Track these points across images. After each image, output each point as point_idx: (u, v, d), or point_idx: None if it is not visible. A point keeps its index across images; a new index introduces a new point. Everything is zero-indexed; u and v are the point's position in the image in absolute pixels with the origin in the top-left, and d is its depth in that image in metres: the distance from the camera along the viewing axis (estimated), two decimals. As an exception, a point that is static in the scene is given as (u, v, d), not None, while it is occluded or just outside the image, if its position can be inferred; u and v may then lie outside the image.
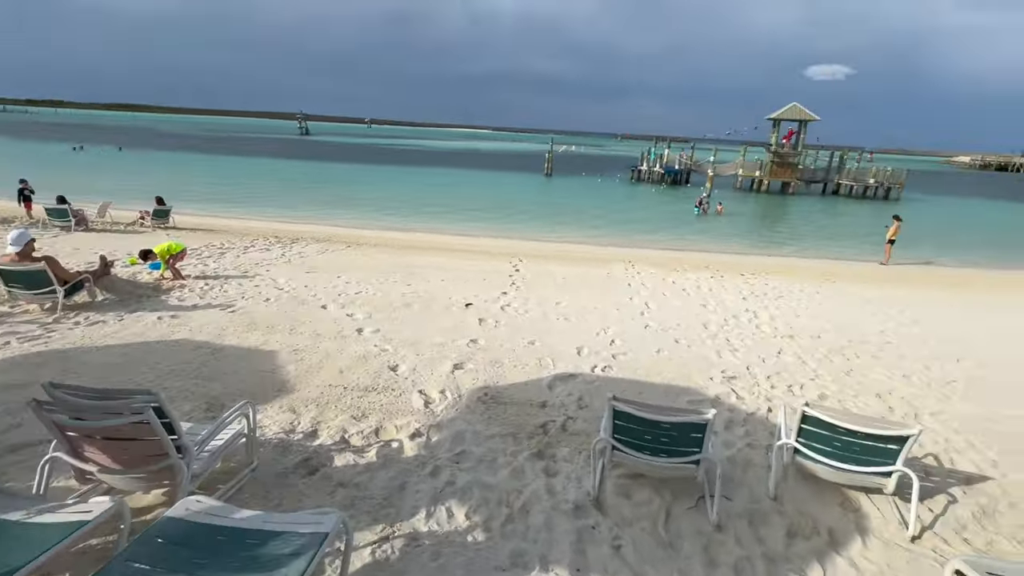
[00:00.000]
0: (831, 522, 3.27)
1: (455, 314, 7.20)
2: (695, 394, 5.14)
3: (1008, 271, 15.13)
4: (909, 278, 12.66)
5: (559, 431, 4.25)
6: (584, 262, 11.82)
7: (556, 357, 5.85)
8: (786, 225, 24.07)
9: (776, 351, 6.56)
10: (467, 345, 6.04)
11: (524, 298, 8.30)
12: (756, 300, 9.12)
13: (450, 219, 19.42)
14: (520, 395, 4.87)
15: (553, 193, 31.57)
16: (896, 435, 3.12)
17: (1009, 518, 3.44)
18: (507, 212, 22.06)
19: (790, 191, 36.36)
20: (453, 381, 5.04)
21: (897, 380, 5.82)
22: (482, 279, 9.43)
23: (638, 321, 7.47)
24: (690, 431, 3.13)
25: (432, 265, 10.36)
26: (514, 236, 16.60)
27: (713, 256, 14.58)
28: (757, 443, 4.19)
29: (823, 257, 16.03)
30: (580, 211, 23.67)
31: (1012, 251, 19.26)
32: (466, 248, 12.88)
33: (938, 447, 4.32)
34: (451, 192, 28.11)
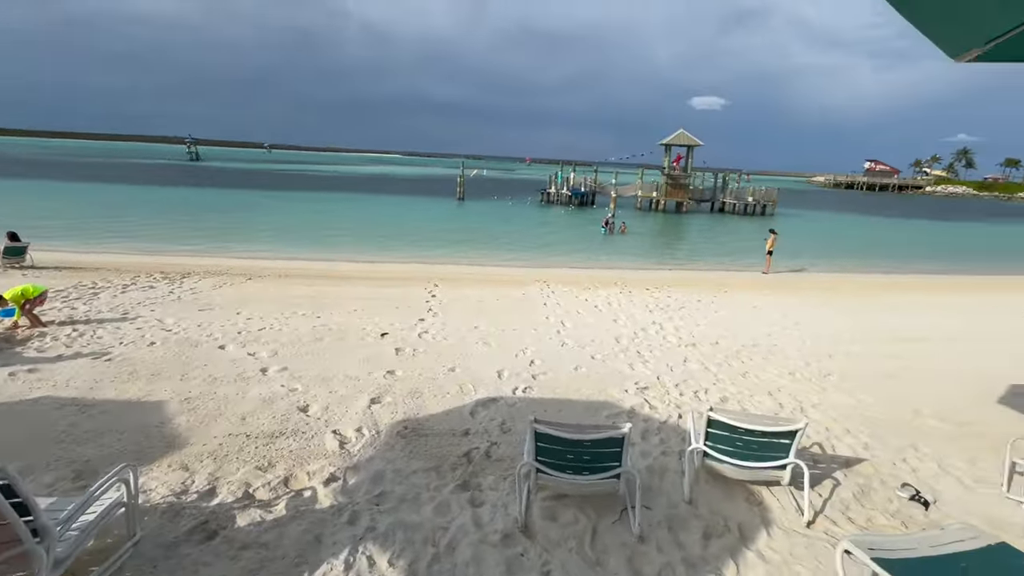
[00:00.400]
0: (740, 518, 3.51)
1: (370, 345, 6.92)
2: (612, 407, 5.33)
3: (865, 275, 17.55)
4: (788, 285, 14.24)
5: (483, 458, 4.19)
6: (500, 284, 11.95)
7: (477, 382, 5.81)
8: (683, 241, 26.15)
9: (682, 359, 7.02)
10: (384, 377, 5.81)
11: (442, 324, 8.18)
12: (661, 312, 9.74)
13: (361, 246, 18.78)
14: (442, 425, 4.75)
15: (466, 217, 31.77)
16: (786, 430, 3.44)
17: (881, 494, 3.91)
18: (421, 237, 21.80)
19: (683, 210, 39.70)
20: (370, 417, 4.81)
21: (784, 378, 6.47)
22: (397, 307, 9.18)
23: (555, 340, 7.65)
24: (609, 446, 3.22)
25: (344, 295, 9.91)
26: (429, 261, 16.41)
27: (621, 272, 15.41)
28: (671, 450, 4.41)
29: (715, 269, 17.57)
30: (494, 234, 24.01)
31: (867, 257, 22.45)
32: (380, 275, 12.49)
33: (821, 436, 4.83)
34: (361, 218, 27.28)
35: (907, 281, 16.19)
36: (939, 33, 2.28)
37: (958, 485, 4.10)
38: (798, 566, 3.06)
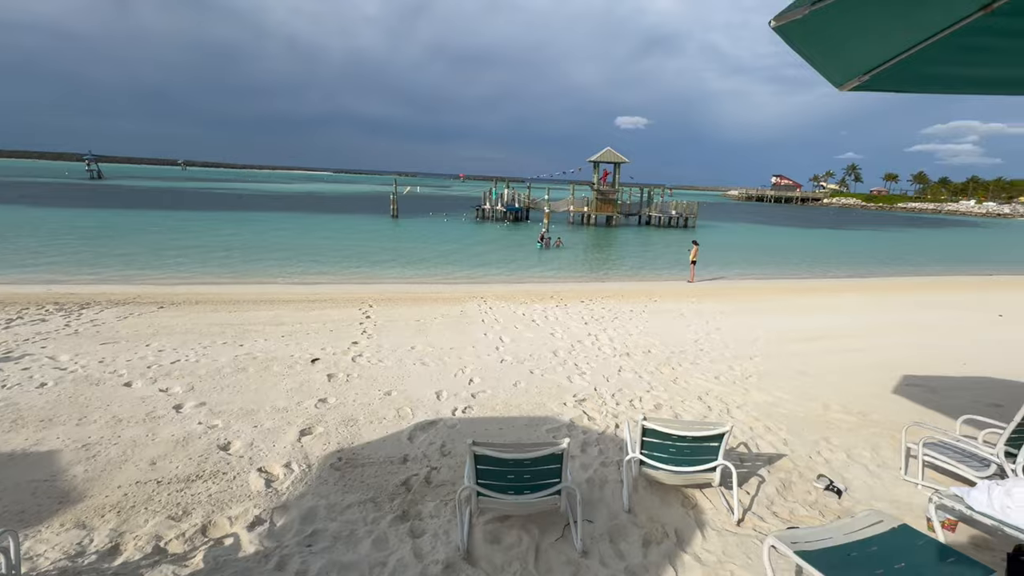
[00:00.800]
0: (677, 522, 3.62)
1: (299, 373, 6.55)
2: (552, 422, 5.37)
3: (777, 280, 19.03)
4: (710, 292, 15.13)
5: (423, 485, 4.05)
6: (437, 302, 11.78)
7: (415, 405, 5.65)
8: (614, 253, 27.15)
9: (617, 369, 7.22)
10: (315, 406, 5.51)
11: (377, 346, 7.92)
12: (596, 324, 10.00)
13: (289, 267, 17.89)
14: (379, 453, 4.56)
15: (401, 234, 31.24)
16: (714, 434, 3.61)
17: (800, 487, 4.19)
18: (353, 256, 21.12)
19: (613, 223, 41.34)
20: (300, 450, 4.52)
21: (711, 381, 6.82)
22: (329, 330, 8.78)
23: (494, 356, 7.62)
24: (549, 463, 3.22)
25: (270, 320, 9.35)
26: (363, 281, 15.91)
27: (557, 286, 15.72)
28: (610, 460, 4.50)
29: (645, 279, 18.37)
30: (430, 251, 23.75)
31: (778, 264, 24.40)
32: (310, 297, 11.91)
33: (746, 435, 5.13)
34: (289, 238, 26.03)
35: (814, 285, 17.73)
36: (824, 66, 2.54)
37: (865, 472, 4.48)
38: (731, 564, 3.20)
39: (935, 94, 3.11)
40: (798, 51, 2.28)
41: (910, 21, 2.29)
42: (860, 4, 1.99)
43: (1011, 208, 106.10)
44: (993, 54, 2.61)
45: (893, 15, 2.21)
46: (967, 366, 7.79)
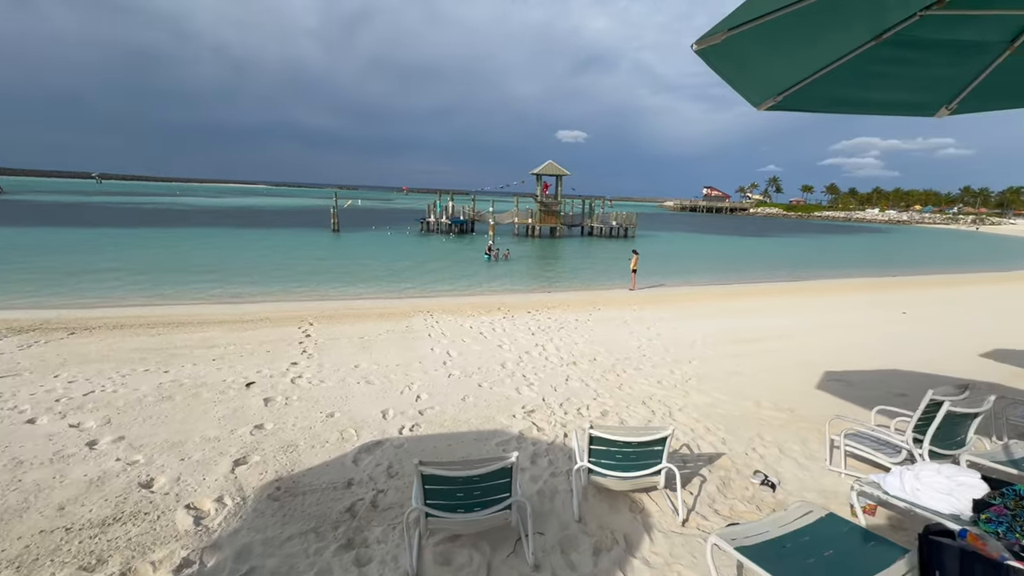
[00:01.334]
0: (625, 528, 3.69)
1: (233, 399, 6.15)
2: (502, 435, 5.34)
3: (712, 286, 20.05)
4: (651, 299, 15.71)
5: (369, 509, 3.90)
6: (382, 318, 11.49)
7: (360, 426, 5.45)
8: (558, 263, 27.64)
9: (564, 378, 7.31)
10: (251, 433, 5.19)
11: (318, 366, 7.60)
12: (543, 334, 10.11)
13: (222, 285, 16.87)
14: (321, 479, 4.34)
15: (343, 249, 30.32)
16: (657, 437, 3.72)
17: (739, 483, 4.40)
18: (292, 272, 20.24)
19: (557, 234, 42.19)
20: (234, 482, 4.23)
21: (654, 386, 7.05)
22: (266, 351, 8.34)
23: (442, 371, 7.51)
24: (499, 478, 3.19)
25: (200, 343, 8.75)
26: (303, 298, 15.27)
27: (503, 297, 15.77)
28: (559, 470, 4.52)
29: (589, 288, 18.81)
30: (373, 265, 23.18)
31: (712, 270, 25.75)
32: (244, 317, 11.26)
33: (687, 437, 5.32)
34: (221, 254, 24.58)
35: (745, 289, 18.83)
36: (742, 86, 2.72)
37: (795, 465, 4.76)
38: (678, 565, 3.29)
39: (840, 114, 3.42)
40: (718, 72, 2.43)
41: (814, 48, 2.51)
42: (771, 31, 2.16)
43: (908, 215, 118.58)
44: (885, 79, 2.90)
45: (800, 42, 2.41)
46: (878, 360, 8.51)
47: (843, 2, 2.07)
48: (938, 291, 18.84)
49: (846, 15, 2.26)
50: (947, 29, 2.54)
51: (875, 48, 2.61)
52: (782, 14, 2.02)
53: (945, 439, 4.10)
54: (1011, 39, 2.65)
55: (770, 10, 1.98)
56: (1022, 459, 3.84)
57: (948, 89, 3.04)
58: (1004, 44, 2.68)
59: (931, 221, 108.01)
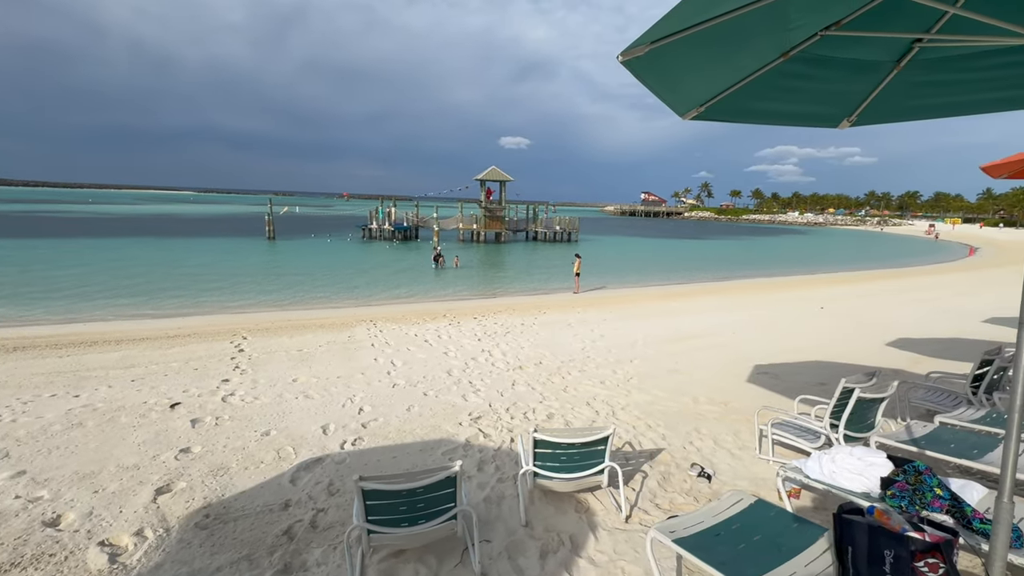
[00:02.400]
0: (571, 529, 3.73)
1: (155, 422, 5.71)
2: (448, 443, 5.27)
3: (652, 287, 20.84)
4: (594, 301, 16.11)
5: (308, 531, 3.73)
6: (322, 328, 11.07)
7: (298, 443, 5.21)
8: (504, 268, 27.79)
9: (511, 383, 7.33)
10: (176, 459, 4.82)
11: (253, 382, 7.20)
12: (489, 339, 10.10)
13: (143, 300, 15.64)
14: (255, 502, 4.11)
15: (279, 257, 28.97)
16: (599, 437, 3.80)
17: (678, 476, 4.57)
18: (223, 283, 19.09)
19: (502, 239, 42.44)
20: (155, 513, 3.91)
21: (598, 387, 7.21)
22: (194, 369, 7.80)
23: (385, 381, 7.33)
24: (443, 488, 3.14)
25: (116, 363, 8.06)
26: (234, 310, 14.43)
27: (449, 304, 15.64)
28: (506, 476, 4.52)
29: (534, 293, 19.02)
30: (312, 274, 22.30)
31: (652, 271, 26.77)
32: (168, 333, 10.48)
33: (629, 435, 5.48)
34: (141, 266, 22.79)
35: (683, 289, 19.71)
36: (666, 97, 2.86)
37: (729, 456, 5.02)
38: (621, 561, 3.37)
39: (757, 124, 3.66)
40: (644, 83, 2.54)
41: (729, 63, 2.68)
42: (689, 46, 2.28)
43: (823, 218, 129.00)
44: (793, 92, 3.14)
45: (716, 57, 2.56)
46: (800, 352, 9.15)
47: (753, 21, 2.22)
48: (850, 287, 20.56)
49: (756, 33, 2.43)
50: (844, 48, 2.79)
51: (783, 64, 2.81)
52: (698, 30, 2.14)
53: (857, 423, 4.47)
54: (897, 59, 2.94)
55: (686, 26, 2.10)
56: (921, 438, 4.24)
57: (848, 103, 3.33)
58: (892, 63, 2.98)
59: (843, 223, 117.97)
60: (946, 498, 2.93)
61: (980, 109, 3.21)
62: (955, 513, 2.86)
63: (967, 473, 4.00)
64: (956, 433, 4.36)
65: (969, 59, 2.84)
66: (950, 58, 2.89)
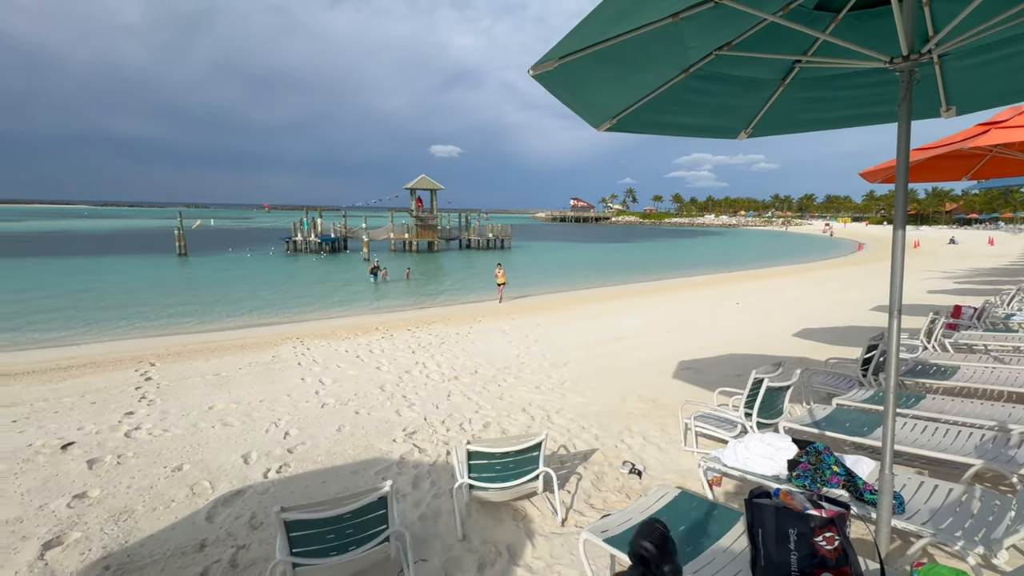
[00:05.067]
0: (508, 539, 3.73)
1: (43, 466, 5.06)
2: (382, 462, 5.11)
3: (584, 290, 21.43)
4: (529, 307, 16.31)
5: (228, 571, 3.46)
6: (242, 349, 10.37)
7: (215, 476, 4.82)
8: (438, 278, 27.47)
9: (446, 395, 7.24)
10: (68, 506, 4.31)
11: (162, 412, 6.60)
12: (424, 351, 9.93)
13: (25, 328, 13.89)
14: (164, 546, 3.75)
15: (192, 275, 26.86)
16: (532, 444, 3.83)
17: (611, 475, 4.71)
18: (126, 305, 17.36)
19: (435, 248, 42.03)
20: (43, 570, 3.47)
21: (533, 392, 7.29)
22: (90, 403, 7.02)
23: (313, 402, 6.98)
24: (372, 511, 3.03)
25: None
26: (141, 335, 13.18)
27: (381, 316, 15.21)
28: (442, 491, 4.44)
29: (468, 301, 18.96)
30: (231, 292, 20.87)
31: (583, 275, 27.54)
32: (59, 364, 9.36)
33: (564, 438, 5.58)
34: (25, 289, 20.24)
35: (612, 292, 20.45)
36: (579, 109, 2.96)
37: (657, 450, 5.24)
38: (558, 566, 3.40)
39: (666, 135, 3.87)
40: (556, 96, 2.62)
41: (634, 78, 2.82)
42: (596, 62, 2.38)
43: (736, 220, 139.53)
44: (695, 106, 3.36)
45: (621, 73, 2.69)
46: (719, 347, 9.78)
47: (652, 40, 2.36)
48: (762, 283, 22.30)
49: (656, 51, 2.58)
50: (737, 67, 3.03)
51: (684, 80, 3.01)
52: (603, 47, 2.24)
53: (767, 410, 4.83)
54: (782, 77, 3.24)
55: (591, 43, 2.19)
56: (821, 420, 4.66)
57: (744, 116, 3.61)
58: (778, 81, 3.27)
59: (753, 224, 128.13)
60: (842, 474, 3.23)
61: (852, 123, 3.61)
62: (850, 487, 3.16)
63: (860, 449, 4.44)
64: (850, 413, 4.83)
65: (840, 79, 3.19)
66: (825, 77, 3.22)
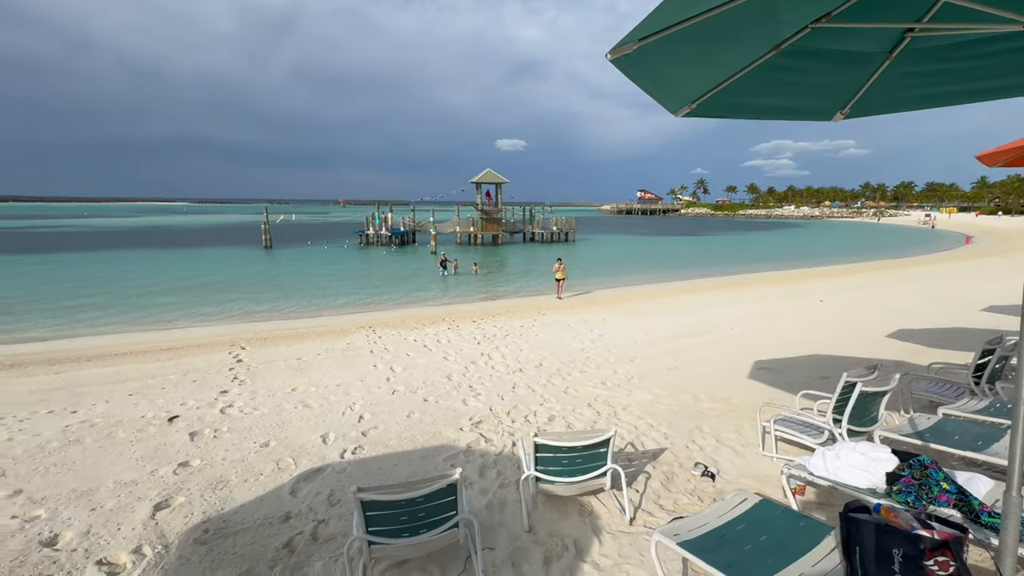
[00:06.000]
0: (575, 533, 3.69)
1: (153, 436, 5.66)
2: (449, 450, 5.23)
3: (650, 284, 20.81)
4: (593, 301, 16.07)
5: (309, 543, 3.68)
6: (320, 336, 11.02)
7: (298, 454, 5.16)
8: (502, 270, 27.72)
9: (511, 386, 7.29)
10: (174, 473, 4.77)
11: (251, 392, 7.15)
12: (488, 342, 10.06)
13: (139, 313, 15.59)
14: (255, 515, 4.06)
15: (277, 266, 28.91)
16: (600, 440, 3.76)
17: (681, 477, 4.53)
18: (221, 294, 19.03)
19: (499, 242, 42.42)
20: (154, 529, 3.87)
21: (599, 387, 7.17)
22: (192, 381, 7.75)
23: (385, 388, 7.28)
24: (443, 496, 3.10)
25: (111, 377, 8.00)
26: (232, 320, 14.39)
27: (447, 308, 15.60)
28: (508, 481, 4.48)
29: (532, 294, 18.98)
30: (310, 282, 22.25)
31: (649, 269, 26.74)
32: (164, 346, 10.43)
33: (631, 435, 5.44)
34: (135, 278, 22.72)
35: (680, 287, 19.69)
36: (657, 94, 2.83)
37: (732, 453, 4.98)
38: (626, 565, 3.32)
39: (750, 119, 3.63)
40: (634, 81, 2.51)
41: (719, 58, 2.64)
42: (677, 43, 2.25)
43: (819, 211, 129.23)
44: (785, 86, 3.11)
45: (705, 53, 2.53)
46: (801, 346, 9.12)
47: (740, 16, 2.19)
48: (849, 279, 20.56)
49: (744, 28, 2.40)
50: (835, 40, 2.76)
51: (775, 58, 2.78)
52: (686, 26, 2.11)
53: (860, 417, 4.43)
54: (889, 49, 2.91)
55: (673, 23, 2.07)
56: (925, 430, 4.21)
57: (841, 95, 3.30)
58: (883, 54, 2.95)
59: (839, 215, 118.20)
60: (953, 492, 2.90)
61: (973, 98, 3.19)
62: (962, 507, 2.82)
63: (972, 465, 3.97)
64: (960, 424, 4.33)
65: (961, 47, 2.82)
66: (942, 47, 2.86)
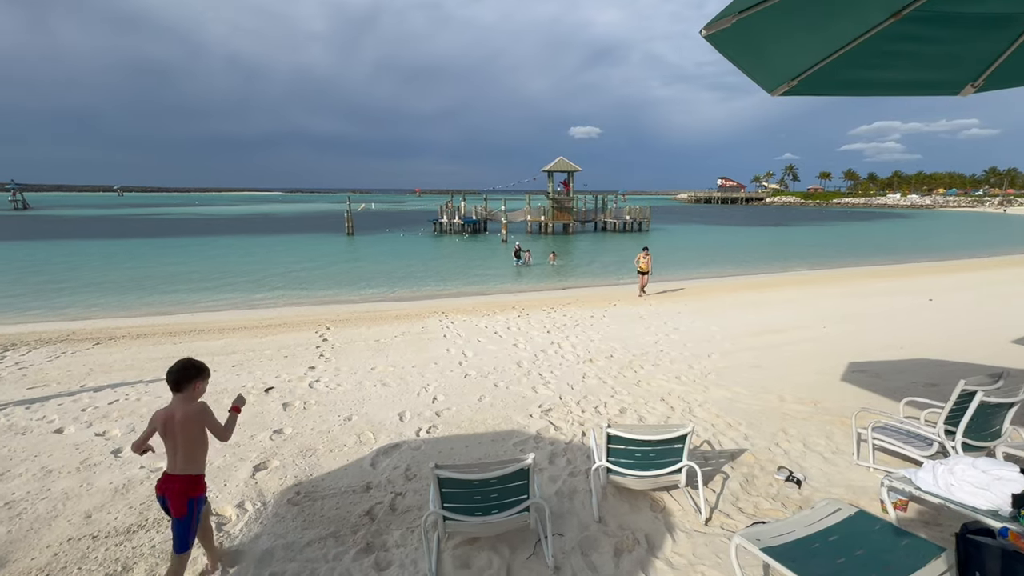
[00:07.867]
0: (647, 528, 3.62)
1: (252, 404, 6.22)
2: (519, 435, 5.30)
3: (729, 278, 19.73)
4: (667, 294, 15.50)
5: (388, 513, 3.90)
6: (397, 320, 11.54)
7: (377, 429, 5.46)
8: (573, 260, 27.46)
9: (581, 376, 7.24)
10: (270, 439, 5.23)
11: (335, 369, 7.65)
12: (558, 332, 10.04)
13: (238, 292, 17.15)
14: (340, 482, 4.36)
15: (357, 252, 30.59)
16: (677, 435, 3.64)
17: (763, 480, 4.29)
18: (308, 276, 20.48)
19: (570, 231, 42.03)
20: (254, 488, 4.27)
21: (673, 382, 6.94)
22: (284, 356, 8.43)
23: (457, 372, 7.50)
24: (515, 479, 3.15)
25: (219, 350, 8.89)
26: (318, 302, 15.44)
27: (518, 296, 15.73)
28: (578, 470, 4.47)
29: (603, 284, 18.65)
30: (387, 268, 23.34)
31: (729, 262, 25.34)
32: (262, 323, 11.42)
33: (708, 433, 5.22)
34: (237, 261, 25.00)
35: (762, 281, 18.50)
36: (754, 72, 2.63)
37: (821, 460, 4.63)
38: (701, 566, 3.21)
39: (859, 96, 3.29)
40: (729, 58, 2.35)
41: (829, 28, 2.41)
42: (782, 14, 2.07)
43: (931, 199, 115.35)
44: (905, 58, 2.78)
45: (813, 23, 2.32)
46: (904, 349, 8.26)
47: (859, -22, 1.98)
48: (965, 275, 18.27)
49: (863, -8, 2.16)
50: (972, 2, 2.42)
51: (893, 26, 2.49)
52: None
53: (979, 431, 3.95)
54: (1041, 10, 2.51)
55: (782, -10, 1.91)
56: (1062, 450, 3.67)
57: (973, 65, 2.90)
58: (1033, 15, 2.54)
59: (955, 204, 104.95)
60: (1099, 522, 2.50)
61: None
62: (1112, 541, 2.43)
63: (1124, 494, 3.41)
64: (1109, 446, 3.73)
65: None
66: (1113, 3, 2.42)
